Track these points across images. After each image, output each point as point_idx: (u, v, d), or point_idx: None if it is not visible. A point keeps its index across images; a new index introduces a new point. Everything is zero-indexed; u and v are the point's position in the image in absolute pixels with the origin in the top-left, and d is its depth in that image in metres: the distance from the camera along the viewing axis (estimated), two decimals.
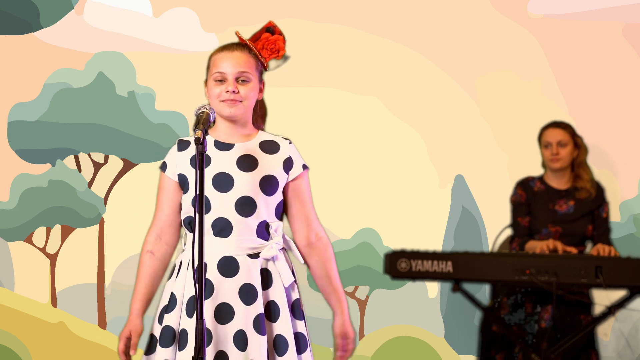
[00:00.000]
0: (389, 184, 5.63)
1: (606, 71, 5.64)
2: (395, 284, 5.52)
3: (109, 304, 5.55)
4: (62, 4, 5.61)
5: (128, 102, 5.62)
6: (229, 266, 3.07)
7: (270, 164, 3.15)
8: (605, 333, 5.51)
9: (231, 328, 3.05)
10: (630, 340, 5.53)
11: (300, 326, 3.17)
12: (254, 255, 3.12)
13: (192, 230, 3.11)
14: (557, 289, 4.55)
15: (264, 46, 3.24)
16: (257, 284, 3.08)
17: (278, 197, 3.17)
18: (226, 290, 3.05)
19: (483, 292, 5.40)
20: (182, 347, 3.05)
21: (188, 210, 3.16)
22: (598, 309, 4.93)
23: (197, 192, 2.89)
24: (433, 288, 5.61)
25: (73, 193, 5.61)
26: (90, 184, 5.62)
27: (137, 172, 5.61)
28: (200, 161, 2.87)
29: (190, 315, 3.03)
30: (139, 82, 5.62)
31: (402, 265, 4.59)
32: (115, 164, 5.63)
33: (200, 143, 2.86)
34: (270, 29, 3.26)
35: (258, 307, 3.06)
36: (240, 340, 3.04)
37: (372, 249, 5.59)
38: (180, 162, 3.18)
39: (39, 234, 5.61)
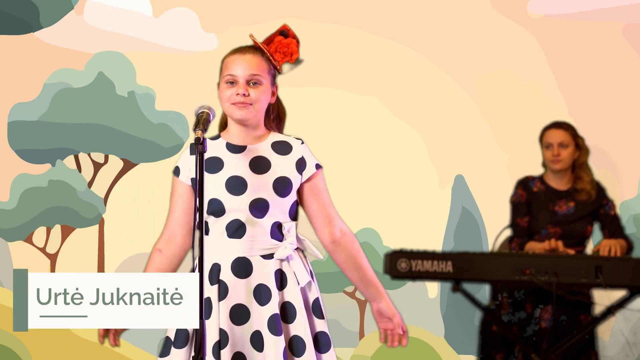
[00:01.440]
0: (389, 184, 5.63)
1: (606, 71, 5.64)
2: (395, 284, 5.52)
3: None
4: (62, 4, 5.61)
5: (128, 102, 5.62)
6: (242, 267, 3.07)
7: (283, 165, 3.14)
8: (605, 333, 5.51)
9: (248, 329, 3.05)
10: (630, 340, 5.53)
11: (321, 325, 3.15)
12: (268, 256, 3.11)
13: (207, 232, 3.13)
14: (557, 289, 4.55)
15: (277, 49, 3.24)
16: (272, 284, 3.08)
17: (292, 198, 3.16)
18: (240, 291, 3.05)
19: (483, 292, 5.40)
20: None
21: (205, 213, 3.16)
22: (598, 309, 4.93)
23: (197, 193, 2.88)
24: (433, 288, 5.61)
25: (73, 193, 5.61)
26: (90, 184, 5.62)
27: (137, 172, 5.61)
28: (200, 161, 2.86)
29: (206, 317, 3.03)
30: (139, 82, 5.62)
31: (402, 265, 4.59)
32: (115, 164, 5.63)
33: (200, 143, 2.85)
34: (284, 32, 3.25)
35: (273, 307, 3.06)
36: (258, 341, 3.04)
37: (372, 249, 5.59)
38: (193, 165, 3.14)
39: (39, 234, 5.61)
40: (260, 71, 3.16)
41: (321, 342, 3.14)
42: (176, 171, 3.21)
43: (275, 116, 3.30)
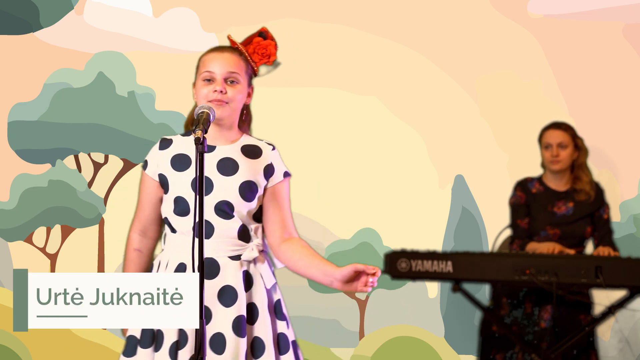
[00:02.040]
0: (389, 184, 5.63)
1: (606, 71, 5.64)
2: (395, 284, 5.52)
3: None
4: (62, 4, 5.61)
5: (128, 102, 5.62)
6: (209, 268, 3.06)
7: (251, 169, 3.12)
8: (605, 333, 5.51)
9: (209, 331, 3.04)
10: (630, 340, 5.53)
11: (282, 327, 3.15)
12: (235, 257, 3.11)
13: (173, 230, 3.12)
14: (557, 289, 4.55)
15: (255, 50, 3.23)
16: (239, 285, 3.07)
17: (258, 202, 3.15)
18: (205, 292, 3.02)
19: (483, 292, 5.40)
20: (158, 347, 3.05)
21: (168, 211, 3.15)
22: (598, 309, 4.93)
23: (197, 193, 2.86)
24: (433, 288, 5.61)
25: (73, 193, 5.61)
26: (90, 184, 5.62)
27: (137, 172, 5.59)
28: (200, 161, 2.85)
29: None
30: (139, 82, 5.62)
31: (402, 265, 4.59)
32: (115, 164, 5.63)
33: (200, 143, 2.83)
34: (263, 34, 3.25)
35: (239, 309, 3.05)
36: (218, 344, 3.03)
37: (372, 249, 5.59)
38: (161, 161, 3.16)
39: (39, 234, 5.61)
40: (239, 70, 3.15)
41: (281, 344, 3.14)
42: (145, 165, 3.20)
43: (247, 119, 3.28)
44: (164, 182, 3.15)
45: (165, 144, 3.19)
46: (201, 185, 2.85)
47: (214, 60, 3.15)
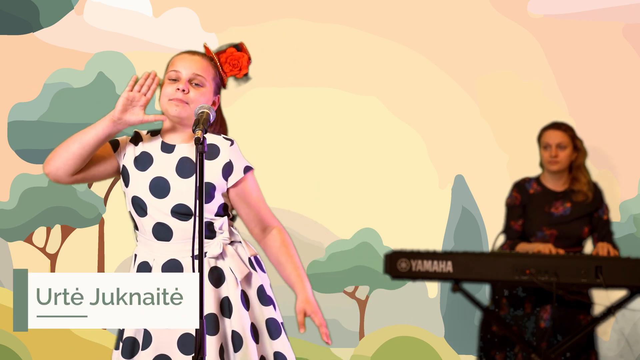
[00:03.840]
0: (389, 184, 5.63)
1: (606, 71, 5.64)
2: (395, 284, 5.52)
3: None
4: (62, 4, 5.61)
5: None
6: (174, 270, 3.05)
7: (208, 171, 3.04)
8: (605, 333, 5.51)
9: (175, 332, 3.03)
10: (630, 340, 5.52)
11: (269, 312, 3.13)
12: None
13: (136, 228, 3.12)
14: (557, 289, 4.55)
15: (227, 60, 3.22)
16: (206, 283, 3.04)
17: (217, 200, 3.11)
18: None
19: (483, 292, 5.40)
20: (145, 346, 3.05)
21: (129, 207, 3.13)
22: (598, 309, 4.93)
23: (197, 194, 2.85)
24: (433, 288, 5.61)
25: (73, 193, 5.61)
26: (90, 184, 5.62)
27: None
28: (200, 161, 2.83)
29: None
30: None
31: (402, 265, 4.59)
32: None
33: (200, 143, 2.81)
34: (238, 46, 3.24)
35: (207, 307, 3.03)
36: (187, 344, 3.02)
37: (372, 249, 5.59)
38: (127, 154, 3.14)
39: (39, 234, 5.61)
40: (205, 74, 3.13)
41: (272, 329, 3.12)
42: (114, 144, 3.13)
43: (218, 130, 3.23)
44: (124, 176, 3.13)
45: (135, 138, 3.17)
46: (201, 185, 2.84)
47: (181, 60, 3.15)
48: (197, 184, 2.84)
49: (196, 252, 2.85)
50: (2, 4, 5.60)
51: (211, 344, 3.01)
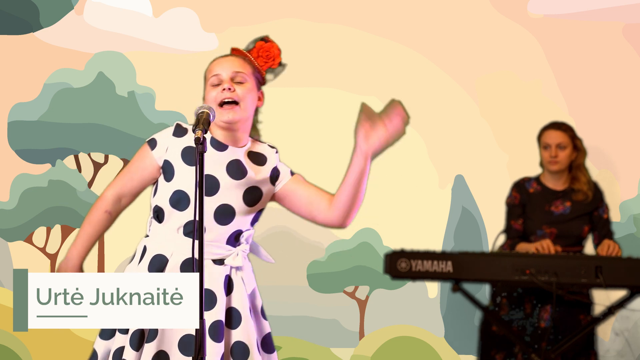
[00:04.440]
0: (388, 184, 5.62)
1: (606, 71, 5.64)
2: (395, 284, 5.52)
3: None
4: (62, 4, 5.61)
5: (128, 102, 5.62)
6: (192, 269, 3.02)
7: (257, 176, 3.09)
8: (605, 333, 5.51)
9: (180, 331, 3.03)
10: (630, 340, 5.52)
11: (268, 327, 3.17)
12: (218, 261, 3.09)
13: (160, 220, 3.09)
14: (557, 289, 4.55)
15: (259, 54, 3.22)
16: (219, 290, 3.06)
17: (259, 207, 3.14)
18: None
19: (483, 292, 5.40)
20: (150, 339, 3.05)
21: (163, 200, 3.11)
22: (598, 309, 4.93)
23: (197, 195, 2.84)
24: (433, 288, 5.61)
25: (73, 193, 5.61)
26: (90, 184, 5.62)
27: None
28: (200, 161, 2.83)
29: None
30: (139, 82, 5.62)
31: (402, 265, 4.59)
32: (115, 164, 5.63)
33: (201, 143, 2.81)
34: (264, 38, 3.25)
35: (217, 313, 3.04)
36: (187, 345, 3.02)
37: (372, 249, 5.59)
38: (171, 148, 3.12)
39: (39, 234, 5.61)
40: (244, 70, 3.14)
41: (270, 343, 3.15)
42: (152, 143, 3.14)
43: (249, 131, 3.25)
44: (168, 170, 3.11)
45: (180, 131, 3.13)
46: (201, 186, 2.83)
47: (218, 64, 3.15)
48: (197, 183, 2.84)
49: (196, 253, 2.85)
50: (2, 4, 5.60)
51: (215, 352, 3.00)
